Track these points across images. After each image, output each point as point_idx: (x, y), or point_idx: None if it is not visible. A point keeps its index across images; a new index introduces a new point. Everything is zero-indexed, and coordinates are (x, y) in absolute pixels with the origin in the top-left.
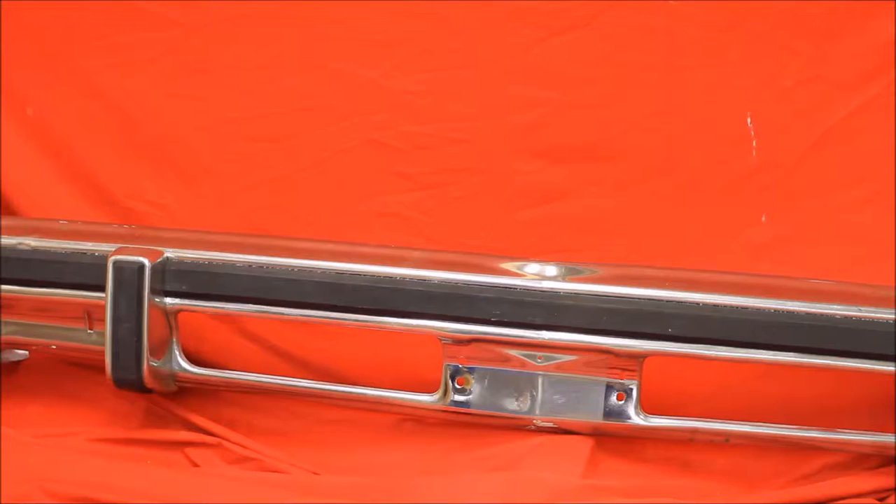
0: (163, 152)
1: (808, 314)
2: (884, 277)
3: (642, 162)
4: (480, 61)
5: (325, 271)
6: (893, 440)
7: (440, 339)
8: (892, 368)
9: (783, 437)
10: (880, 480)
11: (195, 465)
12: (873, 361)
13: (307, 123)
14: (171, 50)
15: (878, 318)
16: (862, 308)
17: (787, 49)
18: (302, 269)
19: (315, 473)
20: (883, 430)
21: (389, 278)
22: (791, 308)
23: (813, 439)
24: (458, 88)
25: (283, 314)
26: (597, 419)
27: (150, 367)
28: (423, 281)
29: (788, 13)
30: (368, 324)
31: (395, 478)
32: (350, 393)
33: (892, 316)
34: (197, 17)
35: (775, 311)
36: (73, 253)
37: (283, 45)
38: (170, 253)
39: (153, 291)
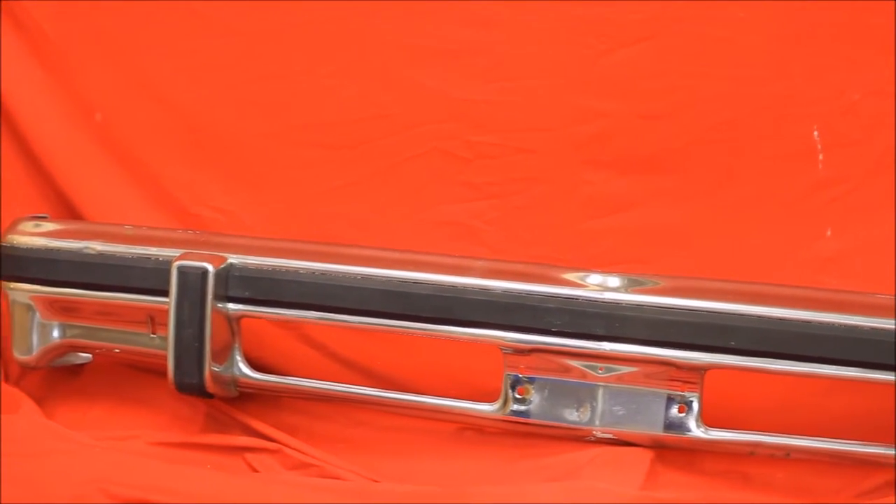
0: (229, 159)
1: (872, 329)
2: None
3: (708, 174)
4: (546, 71)
5: (387, 279)
6: None
7: (501, 349)
8: None
9: (845, 452)
10: None
11: (255, 470)
12: None
13: (373, 132)
14: (238, 57)
15: None
16: None
17: (855, 62)
18: (365, 277)
19: (374, 481)
20: None
21: (452, 287)
22: (855, 323)
23: (875, 455)
24: (523, 98)
25: (345, 321)
26: (657, 431)
27: (211, 372)
28: (485, 290)
29: (856, 26)
30: (430, 332)
31: (454, 486)
32: (410, 401)
33: None
34: (265, 25)
35: (839, 325)
36: (137, 258)
37: (349, 54)
38: (233, 259)
39: (216, 297)
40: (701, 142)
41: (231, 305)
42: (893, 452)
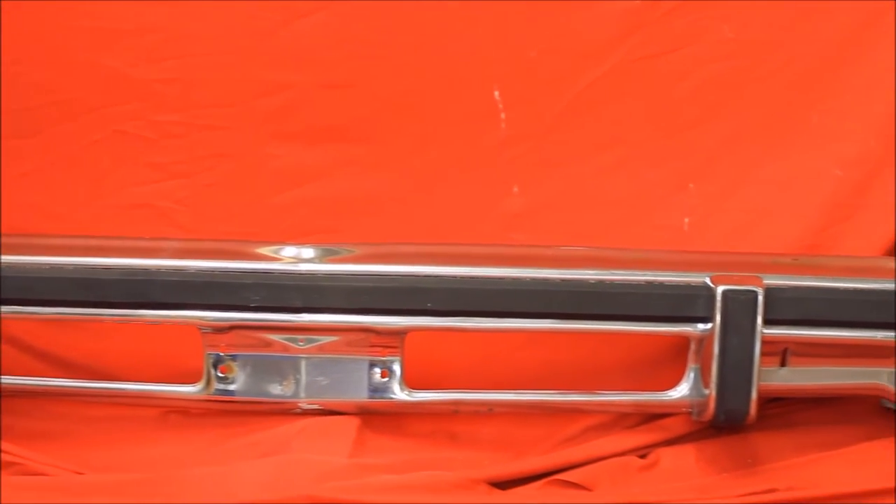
0: None
1: (562, 280)
2: (633, 241)
3: (395, 140)
4: (226, 47)
5: (78, 267)
6: (651, 398)
7: (200, 329)
8: (646, 329)
9: (545, 402)
10: (641, 438)
11: None
12: (627, 323)
13: (55, 117)
14: None
15: (630, 281)
16: (615, 272)
17: (531, 21)
18: (54, 267)
19: (79, 473)
20: (640, 389)
21: (145, 270)
22: (546, 276)
23: (574, 403)
24: (205, 75)
25: (37, 313)
26: (361, 398)
27: None
28: (179, 271)
29: None
30: (126, 317)
31: (162, 471)
32: (111, 389)
33: (644, 278)
34: None
35: (531, 279)
36: None
37: (28, 39)
38: None
39: None
40: (386, 108)
41: None
42: (591, 399)
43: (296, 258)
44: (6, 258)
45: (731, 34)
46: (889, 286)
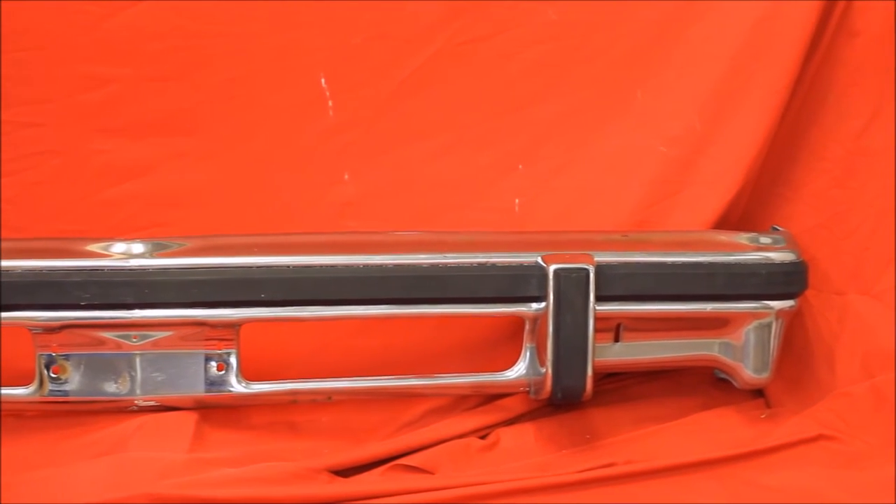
0: None
1: (396, 266)
2: (465, 223)
3: (221, 131)
4: (46, 41)
5: None
6: (488, 379)
7: (30, 329)
8: (480, 310)
9: (384, 388)
10: (480, 419)
11: None
12: (462, 305)
13: None
14: None
15: (463, 264)
16: (447, 255)
17: (354, 8)
18: None
19: None
20: (478, 371)
21: None
22: (379, 262)
23: (413, 387)
24: (26, 71)
25: None
26: (198, 392)
27: None
28: (6, 271)
29: None
30: None
31: None
32: None
33: (476, 260)
34: None
35: (364, 265)
36: None
37: None
38: None
39: None
40: (211, 100)
41: None
42: (429, 382)
43: (126, 254)
44: None
45: (554, 16)
46: (716, 258)
